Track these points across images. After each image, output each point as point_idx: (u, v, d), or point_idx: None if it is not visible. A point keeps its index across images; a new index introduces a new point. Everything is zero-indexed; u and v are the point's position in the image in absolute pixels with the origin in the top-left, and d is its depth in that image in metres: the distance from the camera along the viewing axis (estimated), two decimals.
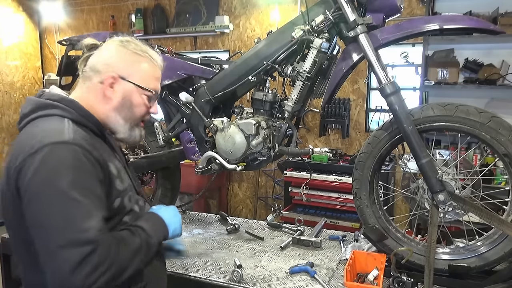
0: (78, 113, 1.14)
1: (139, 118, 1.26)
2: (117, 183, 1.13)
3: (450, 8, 3.44)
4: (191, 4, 4.60)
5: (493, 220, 1.53)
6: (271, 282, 1.72)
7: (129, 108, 1.22)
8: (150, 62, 1.25)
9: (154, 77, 1.26)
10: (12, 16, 5.11)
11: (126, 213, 1.17)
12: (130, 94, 1.21)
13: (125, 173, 1.21)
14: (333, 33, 1.86)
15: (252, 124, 1.95)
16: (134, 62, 1.22)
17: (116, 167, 1.15)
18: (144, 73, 1.23)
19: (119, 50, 1.21)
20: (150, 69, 1.25)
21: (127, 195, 1.17)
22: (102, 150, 1.12)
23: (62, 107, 1.12)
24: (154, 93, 1.26)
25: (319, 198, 3.63)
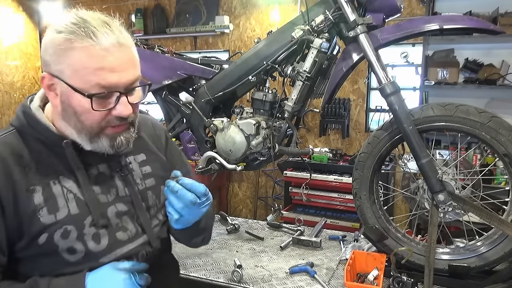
0: (25, 120, 0.95)
1: (93, 126, 0.92)
2: (40, 214, 0.89)
3: (450, 8, 3.44)
4: (191, 4, 4.60)
5: (493, 220, 1.53)
6: (271, 282, 1.72)
7: (74, 116, 0.91)
8: (93, 47, 0.86)
9: (101, 68, 0.87)
10: (12, 16, 5.11)
11: (61, 252, 0.91)
12: (69, 98, 0.89)
13: (74, 199, 0.94)
14: (333, 33, 1.86)
15: (252, 124, 1.95)
16: (63, 51, 0.87)
17: (48, 193, 0.91)
18: (78, 66, 0.86)
19: (51, 38, 0.89)
20: (89, 59, 0.86)
21: (59, 229, 0.90)
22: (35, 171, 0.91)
23: (16, 113, 0.98)
24: (103, 92, 0.88)
25: (319, 198, 3.63)
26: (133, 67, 0.93)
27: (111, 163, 1.02)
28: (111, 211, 0.99)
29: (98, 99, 0.89)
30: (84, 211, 0.94)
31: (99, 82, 0.87)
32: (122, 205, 1.02)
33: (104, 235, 0.96)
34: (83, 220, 0.94)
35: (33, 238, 0.89)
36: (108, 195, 1.00)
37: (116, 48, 0.89)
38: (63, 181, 0.94)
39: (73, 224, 0.92)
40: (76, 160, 0.96)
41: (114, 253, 0.97)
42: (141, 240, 1.03)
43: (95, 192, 0.98)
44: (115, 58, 0.88)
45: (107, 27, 0.89)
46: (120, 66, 0.89)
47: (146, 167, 1.10)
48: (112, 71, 0.88)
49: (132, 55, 0.93)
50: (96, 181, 0.99)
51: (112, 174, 1.02)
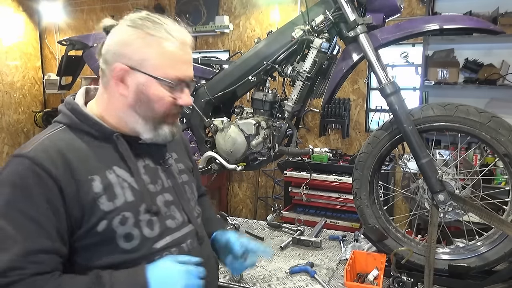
0: (75, 117, 1.01)
1: (162, 114, 1.02)
2: (101, 201, 0.93)
3: (450, 8, 3.44)
4: (191, 4, 4.60)
5: (493, 220, 1.53)
6: (271, 282, 1.72)
7: (147, 104, 0.99)
8: (170, 42, 0.98)
9: (177, 61, 1.00)
10: (12, 16, 5.11)
11: (118, 238, 0.94)
12: (146, 88, 0.98)
13: (129, 187, 0.99)
14: (333, 33, 1.86)
15: (252, 124, 1.95)
16: (147, 46, 0.97)
17: (106, 182, 0.95)
18: (161, 59, 0.98)
19: (128, 32, 0.98)
20: (170, 52, 0.98)
21: (118, 216, 0.94)
22: (91, 160, 0.96)
23: (63, 111, 1.03)
24: (177, 82, 1.00)
25: (319, 198, 3.63)
26: (192, 64, 1.06)
27: (155, 156, 1.09)
28: (160, 200, 1.05)
29: (172, 88, 1.00)
30: (138, 198, 0.99)
31: (177, 75, 1.00)
32: (169, 195, 1.08)
33: (156, 222, 1.01)
34: (138, 207, 0.98)
35: (93, 226, 0.92)
36: (156, 185, 1.06)
37: (186, 44, 1.03)
38: (117, 171, 0.99)
39: (130, 211, 0.97)
40: (128, 151, 1.02)
41: (164, 240, 1.01)
42: (188, 229, 1.08)
43: (145, 182, 1.03)
44: (186, 53, 1.02)
45: (177, 26, 1.03)
46: (188, 60, 1.04)
47: (180, 164, 1.18)
48: (185, 64, 1.02)
49: (192, 55, 1.07)
50: (144, 172, 1.05)
51: (156, 166, 1.08)
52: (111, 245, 0.95)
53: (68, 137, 0.98)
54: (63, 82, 2.77)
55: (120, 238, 0.95)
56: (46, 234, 0.88)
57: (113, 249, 0.95)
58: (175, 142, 1.18)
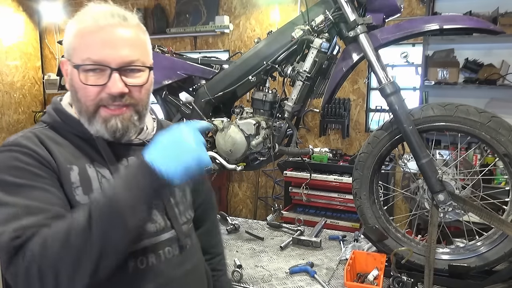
0: (58, 116, 0.99)
1: (89, 104, 0.93)
2: (76, 192, 0.90)
3: (450, 8, 3.44)
4: (191, 4, 4.60)
5: (493, 220, 1.53)
6: (271, 282, 1.72)
7: (75, 95, 0.95)
8: (86, 24, 0.91)
9: (92, 43, 0.90)
10: (12, 16, 5.11)
11: None
12: (72, 77, 0.94)
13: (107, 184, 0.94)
14: (333, 33, 1.86)
15: (252, 124, 1.95)
16: (69, 33, 0.94)
17: (84, 174, 0.92)
18: (76, 43, 0.92)
19: (69, 24, 0.96)
20: (84, 35, 0.91)
21: None
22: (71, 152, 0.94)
23: (48, 111, 1.02)
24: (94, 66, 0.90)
25: (319, 198, 3.63)
26: (132, 47, 0.94)
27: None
28: None
29: (93, 74, 0.91)
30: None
31: (89, 57, 0.90)
32: None
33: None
34: None
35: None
36: None
37: (112, 27, 0.92)
38: (97, 167, 0.95)
39: None
40: (107, 150, 0.97)
41: (142, 243, 0.95)
42: (169, 235, 1.01)
43: None
44: (109, 34, 0.91)
45: (110, 12, 0.93)
46: (112, 42, 0.91)
47: None
48: (103, 46, 0.90)
49: (134, 37, 0.95)
50: None
51: None
52: None
53: (50, 134, 0.96)
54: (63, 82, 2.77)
55: None
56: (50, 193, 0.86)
57: None
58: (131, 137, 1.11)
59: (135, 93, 0.96)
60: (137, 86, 0.96)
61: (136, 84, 0.95)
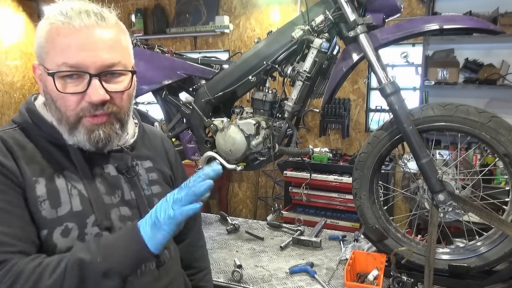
0: (30, 118, 0.91)
1: (69, 114, 0.86)
2: (42, 207, 0.83)
3: (450, 8, 3.44)
4: (191, 4, 4.60)
5: (493, 220, 1.53)
6: (271, 282, 1.72)
7: (52, 103, 0.86)
8: (61, 26, 0.82)
9: (68, 46, 0.82)
10: (12, 16, 5.11)
11: (59, 252, 0.83)
12: (46, 84, 0.86)
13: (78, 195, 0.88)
14: (333, 33, 1.86)
15: (252, 124, 1.95)
16: (41, 35, 0.85)
17: (51, 186, 0.85)
18: (49, 47, 0.83)
19: (38, 25, 0.87)
20: (59, 38, 0.82)
21: (60, 226, 0.84)
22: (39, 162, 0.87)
23: (20, 110, 0.94)
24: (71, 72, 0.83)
25: (319, 198, 3.63)
26: (111, 49, 0.86)
27: (118, 164, 0.96)
28: (115, 214, 0.93)
29: (70, 81, 0.83)
30: (88, 209, 0.88)
31: (65, 61, 0.82)
32: (127, 209, 0.95)
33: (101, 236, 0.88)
34: (86, 218, 0.87)
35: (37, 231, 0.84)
36: (113, 196, 0.94)
37: (89, 28, 0.83)
38: (68, 176, 0.89)
39: (74, 222, 0.85)
40: (79, 157, 0.90)
41: None
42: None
43: (100, 192, 0.92)
44: (86, 36, 0.83)
45: (85, 11, 0.84)
46: (90, 45, 0.83)
47: (153, 173, 1.05)
48: (80, 50, 0.82)
49: (113, 39, 0.87)
50: (101, 181, 0.93)
51: (118, 175, 0.96)
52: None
53: (19, 138, 0.89)
54: None
55: (62, 252, 0.83)
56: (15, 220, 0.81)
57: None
58: (152, 148, 1.07)
59: (117, 100, 0.89)
60: (119, 92, 0.89)
61: (118, 90, 0.88)
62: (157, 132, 1.19)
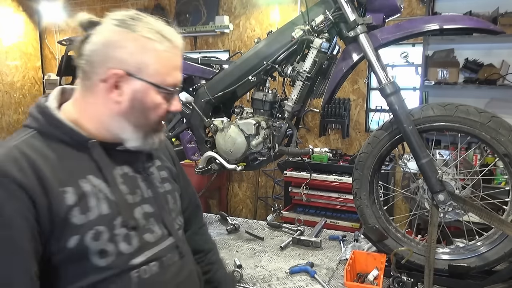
0: (46, 121, 0.92)
1: (155, 123, 0.98)
2: (73, 214, 0.85)
3: (450, 8, 3.44)
4: (191, 4, 4.60)
5: (493, 220, 1.53)
6: (271, 282, 1.72)
7: (141, 112, 0.94)
8: (166, 46, 0.94)
9: (173, 67, 0.96)
10: (12, 16, 5.11)
11: (92, 255, 0.86)
12: (143, 95, 0.93)
13: (104, 199, 0.90)
14: (333, 33, 1.86)
15: (252, 124, 1.95)
16: (144, 50, 0.91)
17: (79, 192, 0.87)
18: (159, 65, 0.93)
19: (121, 34, 0.90)
20: (168, 57, 0.94)
21: (91, 230, 0.86)
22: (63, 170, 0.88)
23: (33, 114, 0.94)
24: (174, 89, 0.97)
25: (319, 198, 3.63)
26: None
27: (135, 164, 1.01)
28: (139, 212, 0.97)
29: (167, 95, 0.96)
30: (114, 211, 0.91)
31: (173, 82, 0.97)
32: (148, 206, 0.99)
33: (134, 236, 0.93)
34: (113, 220, 0.90)
35: (64, 242, 0.84)
36: (134, 195, 0.98)
37: (179, 49, 0.98)
38: (92, 180, 0.91)
39: (104, 225, 0.88)
40: (104, 159, 0.94)
41: (143, 255, 0.94)
42: (168, 242, 1.01)
43: (123, 192, 0.95)
44: (179, 58, 0.99)
45: (171, 29, 0.98)
46: (180, 65, 1.00)
47: (163, 172, 1.11)
48: (178, 70, 0.99)
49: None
50: (122, 181, 0.96)
51: (135, 175, 1.00)
52: (84, 263, 0.86)
53: (38, 144, 0.89)
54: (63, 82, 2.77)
55: (94, 255, 0.86)
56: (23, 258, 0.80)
57: (86, 267, 0.86)
58: (159, 148, 1.12)
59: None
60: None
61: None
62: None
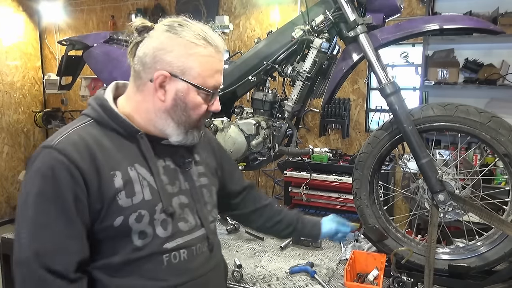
0: (104, 112, 1.03)
1: (195, 120, 1.07)
2: (119, 197, 0.96)
3: (450, 8, 3.44)
4: (191, 4, 4.60)
5: (493, 220, 1.53)
6: (271, 282, 1.72)
7: (183, 111, 1.04)
8: (210, 51, 1.02)
9: (215, 70, 1.04)
10: (12, 16, 5.11)
11: (133, 235, 0.98)
12: (185, 95, 1.02)
13: (148, 186, 1.01)
14: (333, 33, 1.86)
15: (252, 124, 1.96)
16: (188, 54, 1.00)
17: (126, 178, 0.98)
18: (202, 68, 1.01)
19: (169, 38, 1.00)
20: (210, 61, 1.03)
21: (134, 213, 0.97)
22: (114, 156, 0.99)
23: (92, 105, 1.05)
24: (213, 91, 1.06)
25: (319, 198, 3.63)
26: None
27: (175, 158, 1.11)
28: (176, 202, 1.07)
29: (207, 96, 1.05)
30: (156, 198, 1.02)
31: (214, 84, 1.05)
32: (184, 197, 1.10)
33: (169, 222, 1.03)
34: (155, 206, 1.01)
35: (110, 221, 0.96)
36: (174, 186, 1.08)
37: (220, 52, 1.06)
38: (138, 168, 1.02)
39: (146, 209, 0.99)
40: (150, 150, 1.04)
41: (175, 241, 1.04)
42: (199, 233, 1.11)
43: (164, 182, 1.06)
44: (221, 61, 1.07)
45: (215, 35, 1.05)
46: (222, 68, 1.08)
47: (200, 167, 1.19)
48: (219, 73, 1.06)
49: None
50: (164, 172, 1.07)
51: (175, 168, 1.11)
52: (125, 241, 0.98)
53: (95, 132, 1.01)
54: (63, 82, 2.77)
55: (135, 235, 0.98)
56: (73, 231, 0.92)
57: (126, 245, 0.98)
58: (201, 145, 1.22)
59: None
60: None
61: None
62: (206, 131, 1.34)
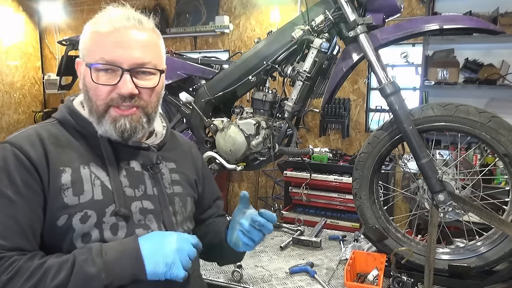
0: (69, 114, 1.01)
1: (99, 104, 0.95)
2: (65, 194, 0.91)
3: (450, 8, 3.44)
4: (191, 4, 4.60)
5: (493, 220, 1.53)
6: (271, 282, 1.72)
7: (87, 94, 0.97)
8: (101, 26, 0.95)
9: (106, 43, 0.93)
10: (12, 16, 5.11)
11: (75, 238, 0.91)
12: (84, 77, 0.97)
13: (100, 186, 0.95)
14: (333, 33, 1.86)
15: (252, 124, 1.96)
16: (87, 36, 0.97)
17: (76, 175, 0.93)
18: (90, 44, 0.96)
19: (85, 28, 0.99)
20: (99, 35, 0.94)
21: (80, 212, 0.91)
22: (68, 153, 0.95)
23: (59, 107, 1.06)
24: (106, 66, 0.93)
25: (319, 198, 3.63)
26: (144, 49, 0.96)
27: (143, 161, 1.04)
28: (136, 206, 0.99)
29: (104, 74, 0.94)
30: (108, 199, 0.95)
31: (102, 56, 0.93)
32: (149, 203, 1.01)
33: (122, 227, 0.95)
34: (105, 207, 0.94)
35: (54, 218, 0.90)
36: (136, 190, 1.01)
37: (127, 29, 0.94)
38: (93, 168, 0.97)
39: (94, 210, 0.92)
40: (109, 151, 0.99)
41: None
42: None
43: (123, 184, 0.99)
44: (122, 36, 0.94)
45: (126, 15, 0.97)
46: (125, 43, 0.94)
47: (175, 175, 1.11)
48: (116, 47, 0.93)
49: (147, 40, 0.98)
50: (125, 174, 1.00)
51: (143, 171, 1.04)
52: (68, 243, 0.91)
53: (54, 130, 0.99)
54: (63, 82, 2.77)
55: (78, 238, 0.91)
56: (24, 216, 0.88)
57: (70, 249, 0.90)
58: (177, 153, 1.15)
59: (145, 95, 0.98)
60: (147, 89, 0.98)
61: (146, 86, 0.98)
62: (187, 140, 1.30)
